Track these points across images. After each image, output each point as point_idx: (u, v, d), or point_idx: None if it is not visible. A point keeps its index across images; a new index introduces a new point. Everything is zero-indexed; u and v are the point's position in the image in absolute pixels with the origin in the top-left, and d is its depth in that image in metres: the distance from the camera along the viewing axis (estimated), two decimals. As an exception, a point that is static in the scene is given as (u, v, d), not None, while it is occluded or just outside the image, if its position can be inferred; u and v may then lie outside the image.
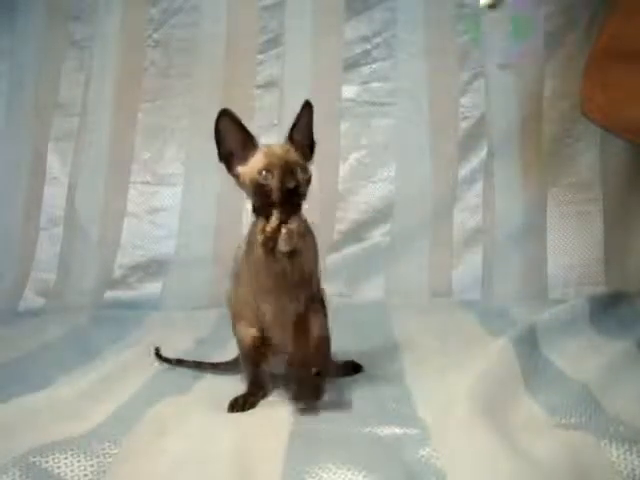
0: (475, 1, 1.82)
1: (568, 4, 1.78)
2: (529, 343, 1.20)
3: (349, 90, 1.90)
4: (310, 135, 1.03)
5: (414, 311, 1.66)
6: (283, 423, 0.92)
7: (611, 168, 1.77)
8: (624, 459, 0.74)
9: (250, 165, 0.98)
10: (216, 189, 1.85)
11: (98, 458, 0.79)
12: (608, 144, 1.73)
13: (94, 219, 1.88)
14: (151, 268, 1.86)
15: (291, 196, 0.95)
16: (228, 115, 0.97)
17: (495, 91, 1.82)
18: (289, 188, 0.94)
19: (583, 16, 1.77)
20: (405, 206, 1.85)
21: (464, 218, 1.85)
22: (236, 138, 0.98)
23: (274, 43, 1.90)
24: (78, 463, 0.78)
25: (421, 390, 1.04)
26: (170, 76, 1.93)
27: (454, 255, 1.84)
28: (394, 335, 1.42)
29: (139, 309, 1.77)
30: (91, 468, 0.78)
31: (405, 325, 1.50)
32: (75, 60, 1.96)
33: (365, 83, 1.90)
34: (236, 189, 1.00)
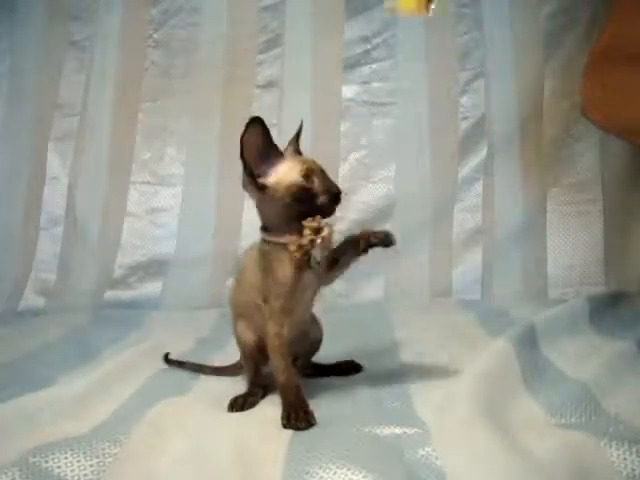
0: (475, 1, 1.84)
1: (568, 4, 1.79)
2: (529, 343, 1.20)
3: (349, 90, 1.89)
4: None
5: (414, 311, 1.66)
6: (283, 423, 0.92)
7: (611, 168, 1.77)
8: (624, 459, 0.74)
9: (284, 172, 0.95)
10: (216, 189, 1.86)
11: (98, 458, 0.79)
12: (608, 144, 1.74)
13: (94, 219, 1.89)
14: (151, 268, 1.86)
15: (335, 201, 0.95)
16: (259, 122, 0.93)
17: (495, 91, 1.82)
18: (335, 192, 0.95)
19: (583, 16, 1.77)
20: (405, 206, 1.85)
21: (464, 218, 1.84)
22: (264, 146, 0.95)
23: (274, 43, 1.90)
24: (78, 463, 0.78)
25: (421, 390, 1.04)
26: (170, 76, 1.92)
27: (454, 255, 1.83)
28: (394, 335, 1.42)
29: (139, 309, 1.77)
30: (91, 468, 0.78)
31: (405, 325, 1.50)
32: (75, 60, 1.96)
33: (365, 83, 1.90)
34: (236, 189, 0.99)
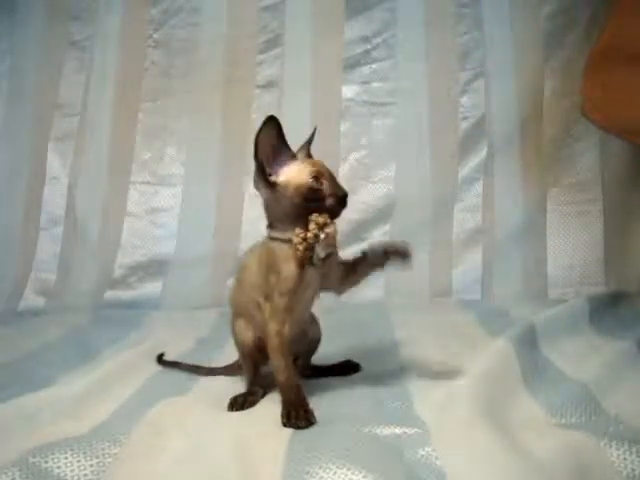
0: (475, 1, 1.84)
1: (568, 4, 1.79)
2: (529, 343, 1.20)
3: (349, 90, 1.90)
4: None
5: (414, 311, 1.66)
6: (283, 423, 0.92)
7: (611, 168, 1.77)
8: (624, 459, 0.74)
9: (294, 172, 0.98)
10: (216, 189, 1.85)
11: (98, 458, 0.79)
12: (608, 144, 1.74)
13: (94, 219, 1.89)
14: (151, 268, 1.86)
15: (341, 204, 0.97)
16: (275, 121, 0.96)
17: (495, 91, 1.82)
18: (341, 195, 0.97)
19: (583, 16, 1.77)
20: (405, 206, 1.85)
21: (464, 218, 1.85)
22: (278, 145, 0.98)
23: (274, 43, 1.90)
24: (78, 463, 0.78)
25: (421, 390, 1.04)
26: (170, 76, 1.92)
27: (454, 255, 1.84)
28: (394, 335, 1.42)
29: (139, 309, 1.77)
30: (91, 468, 0.78)
31: (405, 325, 1.50)
32: (75, 60, 1.96)
33: (365, 83, 1.90)
34: (236, 189, 0.99)
